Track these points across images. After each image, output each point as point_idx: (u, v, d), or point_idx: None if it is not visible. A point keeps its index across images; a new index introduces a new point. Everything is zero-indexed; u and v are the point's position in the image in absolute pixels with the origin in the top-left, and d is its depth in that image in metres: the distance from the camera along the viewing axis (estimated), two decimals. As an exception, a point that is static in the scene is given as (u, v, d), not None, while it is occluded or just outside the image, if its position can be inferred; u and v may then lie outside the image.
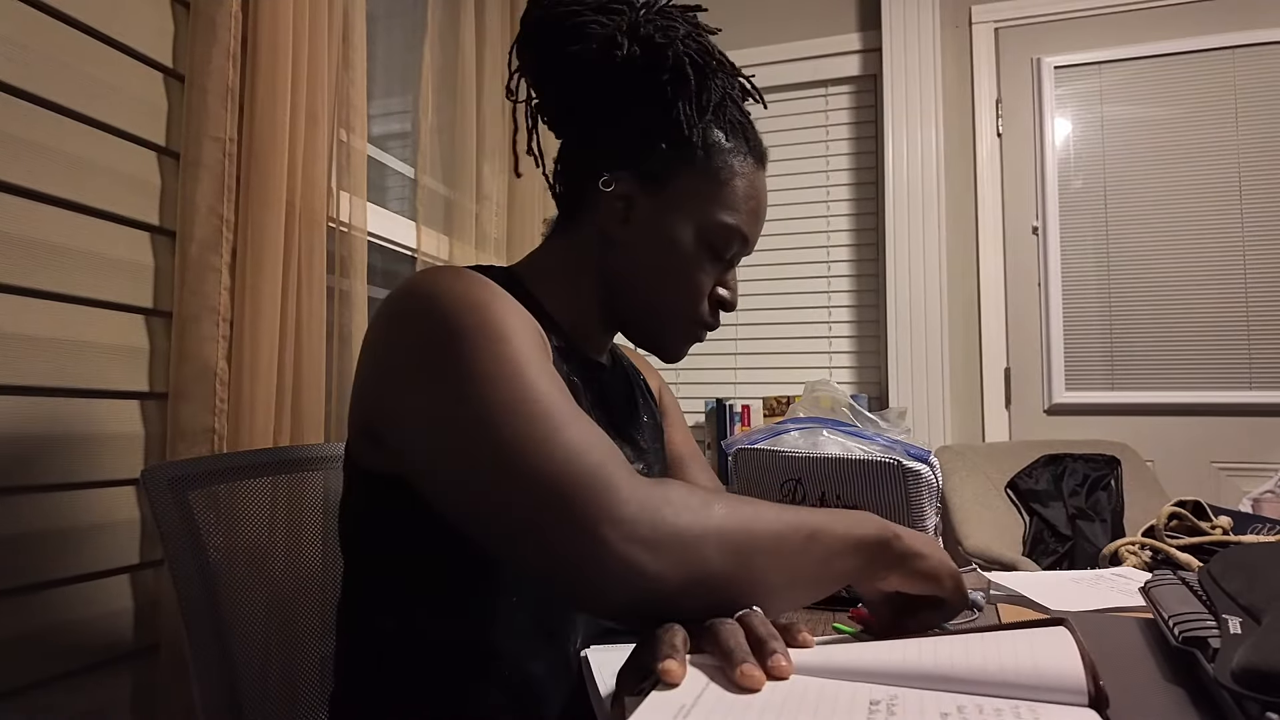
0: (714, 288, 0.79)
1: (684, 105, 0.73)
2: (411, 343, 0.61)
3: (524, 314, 0.63)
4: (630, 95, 0.74)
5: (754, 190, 0.78)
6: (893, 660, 0.48)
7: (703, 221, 0.75)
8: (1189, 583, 0.68)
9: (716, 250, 0.76)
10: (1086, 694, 0.42)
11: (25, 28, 0.95)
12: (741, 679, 0.44)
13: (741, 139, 0.77)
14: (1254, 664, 0.45)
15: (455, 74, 1.88)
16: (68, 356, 1.00)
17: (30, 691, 0.95)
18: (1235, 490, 2.14)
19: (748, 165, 0.77)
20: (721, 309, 0.80)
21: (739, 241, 0.77)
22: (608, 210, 0.76)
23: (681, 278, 0.76)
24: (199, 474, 0.86)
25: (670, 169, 0.74)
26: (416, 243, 1.77)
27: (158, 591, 1.10)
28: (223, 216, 1.14)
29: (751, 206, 0.77)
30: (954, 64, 2.46)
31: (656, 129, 0.74)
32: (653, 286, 0.77)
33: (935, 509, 0.97)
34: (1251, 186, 2.21)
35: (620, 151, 0.76)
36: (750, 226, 0.78)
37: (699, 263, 0.76)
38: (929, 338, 2.35)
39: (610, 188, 0.75)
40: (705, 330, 0.80)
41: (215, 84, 1.13)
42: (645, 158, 0.75)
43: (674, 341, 0.81)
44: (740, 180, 0.76)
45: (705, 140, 0.74)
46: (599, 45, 0.73)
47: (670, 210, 0.75)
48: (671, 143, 0.74)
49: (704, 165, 0.75)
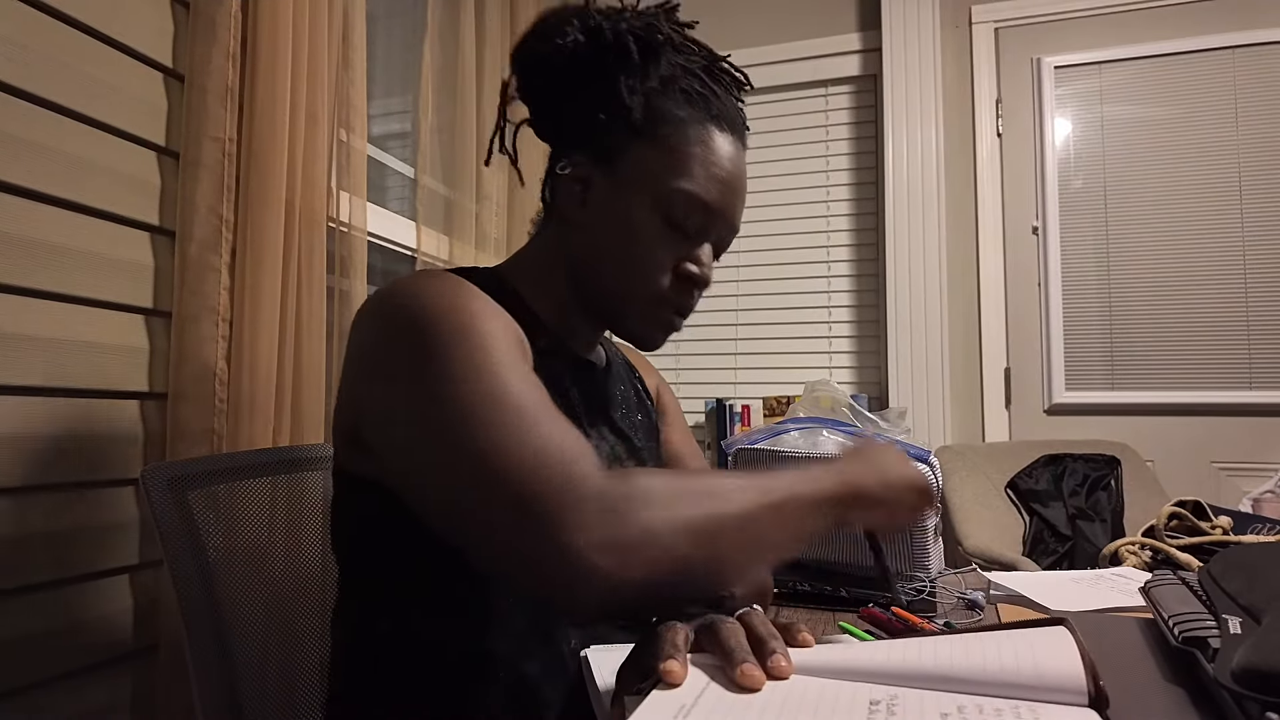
0: (681, 264, 0.75)
1: (625, 78, 0.72)
2: (387, 346, 0.61)
3: (502, 316, 0.64)
4: (579, 78, 0.75)
5: (716, 157, 0.74)
6: (892, 660, 0.48)
7: (657, 192, 0.72)
8: (1189, 583, 0.68)
9: (675, 221, 0.73)
10: (1086, 694, 0.42)
11: (25, 27, 0.95)
12: (742, 679, 0.44)
13: (702, 109, 0.74)
14: (1254, 664, 0.45)
15: (455, 74, 1.88)
16: (67, 356, 1.00)
17: (30, 692, 0.95)
18: (1235, 490, 2.14)
19: (708, 133, 0.74)
20: (692, 286, 0.76)
21: (700, 210, 0.73)
22: (566, 194, 0.77)
23: (637, 252, 0.74)
24: (198, 474, 0.86)
25: (621, 144, 0.74)
26: (416, 243, 1.77)
27: (157, 592, 1.10)
28: (222, 216, 1.13)
29: (714, 174, 0.73)
30: (954, 64, 2.46)
31: (604, 107, 0.73)
32: (611, 266, 0.75)
33: (935, 509, 0.97)
34: (1251, 186, 2.21)
35: (575, 134, 0.76)
36: (714, 193, 0.73)
37: (656, 236, 0.73)
38: (929, 338, 2.35)
39: (567, 171, 0.76)
40: (672, 311, 0.76)
41: (215, 84, 1.13)
42: (597, 138, 0.74)
43: (641, 324, 0.77)
44: (698, 148, 0.73)
45: (655, 112, 0.73)
46: (552, 34, 0.74)
47: (624, 186, 0.74)
48: (620, 118, 0.73)
49: (656, 137, 0.73)
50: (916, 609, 0.86)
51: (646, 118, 0.73)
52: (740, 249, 2.60)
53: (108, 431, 1.05)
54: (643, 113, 0.72)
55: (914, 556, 0.95)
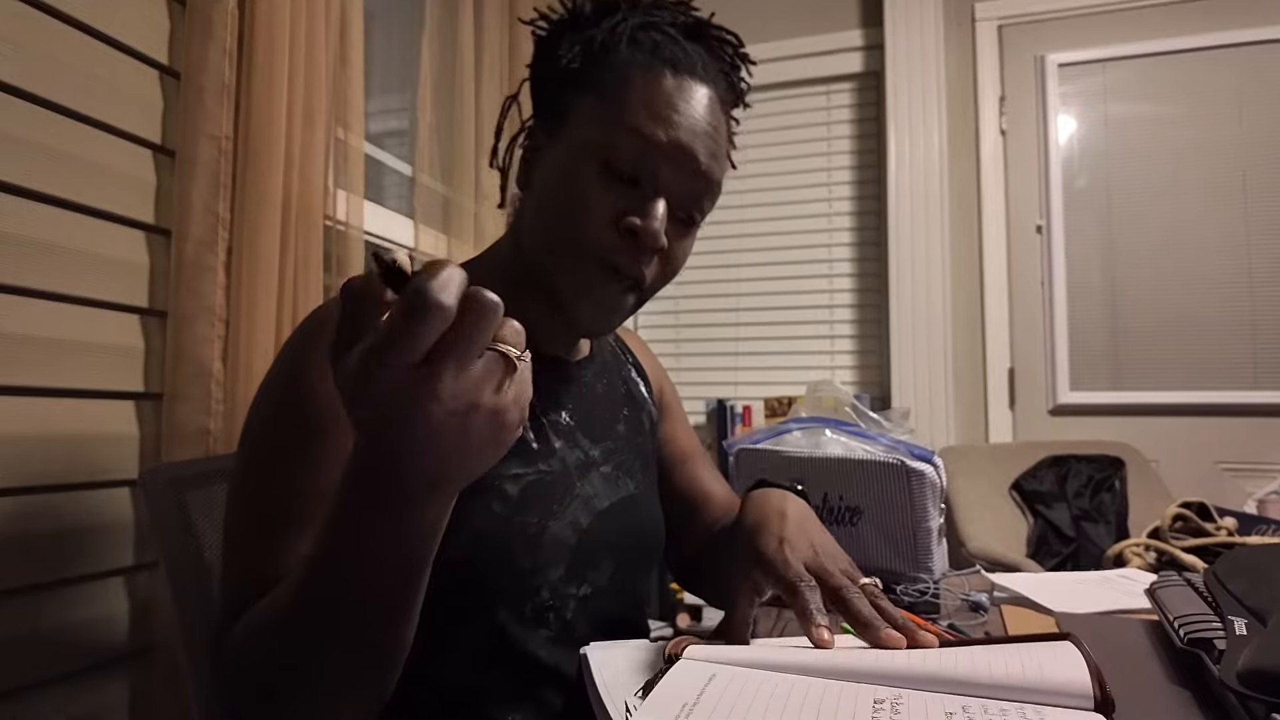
0: (621, 215, 0.65)
1: (570, 33, 0.69)
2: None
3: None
4: (540, 54, 0.72)
5: (655, 94, 0.65)
6: (897, 664, 0.47)
7: (591, 136, 0.66)
8: (1194, 584, 0.68)
9: (611, 163, 0.65)
10: (1092, 699, 0.42)
11: (20, 25, 0.94)
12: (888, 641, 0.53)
13: (650, 53, 0.67)
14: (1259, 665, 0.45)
15: (453, 72, 1.87)
16: (62, 356, 0.99)
17: (25, 693, 0.94)
18: (1240, 491, 2.13)
19: (655, 75, 0.66)
20: (636, 245, 0.65)
21: (636, 145, 0.64)
22: (521, 168, 0.73)
23: (572, 198, 0.65)
24: (196, 475, 0.86)
25: (564, 101, 0.69)
26: (414, 241, 1.77)
27: (153, 592, 1.10)
28: (219, 215, 1.13)
29: (658, 112, 0.64)
30: (957, 61, 2.45)
31: (549, 69, 0.70)
32: (544, 227, 0.68)
33: (939, 510, 0.96)
34: (1257, 185, 2.20)
35: (535, 109, 0.73)
36: (657, 132, 0.64)
37: (590, 179, 0.65)
38: (932, 337, 2.34)
39: (524, 145, 0.74)
40: (610, 273, 0.66)
41: (211, 81, 1.13)
42: (544, 102, 0.71)
43: (575, 294, 0.67)
44: (636, 85, 0.65)
45: (595, 60, 0.67)
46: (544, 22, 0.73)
47: (565, 140, 0.68)
48: (560, 74, 0.68)
49: (595, 87, 0.67)
50: (920, 610, 0.85)
51: (586, 68, 0.67)
52: (742, 248, 2.60)
53: (102, 432, 1.05)
54: (581, 63, 0.67)
55: (918, 557, 0.94)
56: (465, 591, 0.64)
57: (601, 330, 0.72)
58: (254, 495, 0.58)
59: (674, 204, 0.67)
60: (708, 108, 0.67)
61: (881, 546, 0.95)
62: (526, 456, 0.70)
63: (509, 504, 0.67)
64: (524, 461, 0.69)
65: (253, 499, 0.58)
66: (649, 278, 0.68)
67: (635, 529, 0.78)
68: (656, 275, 0.69)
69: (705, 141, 0.66)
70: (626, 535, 0.76)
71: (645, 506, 0.81)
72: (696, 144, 0.66)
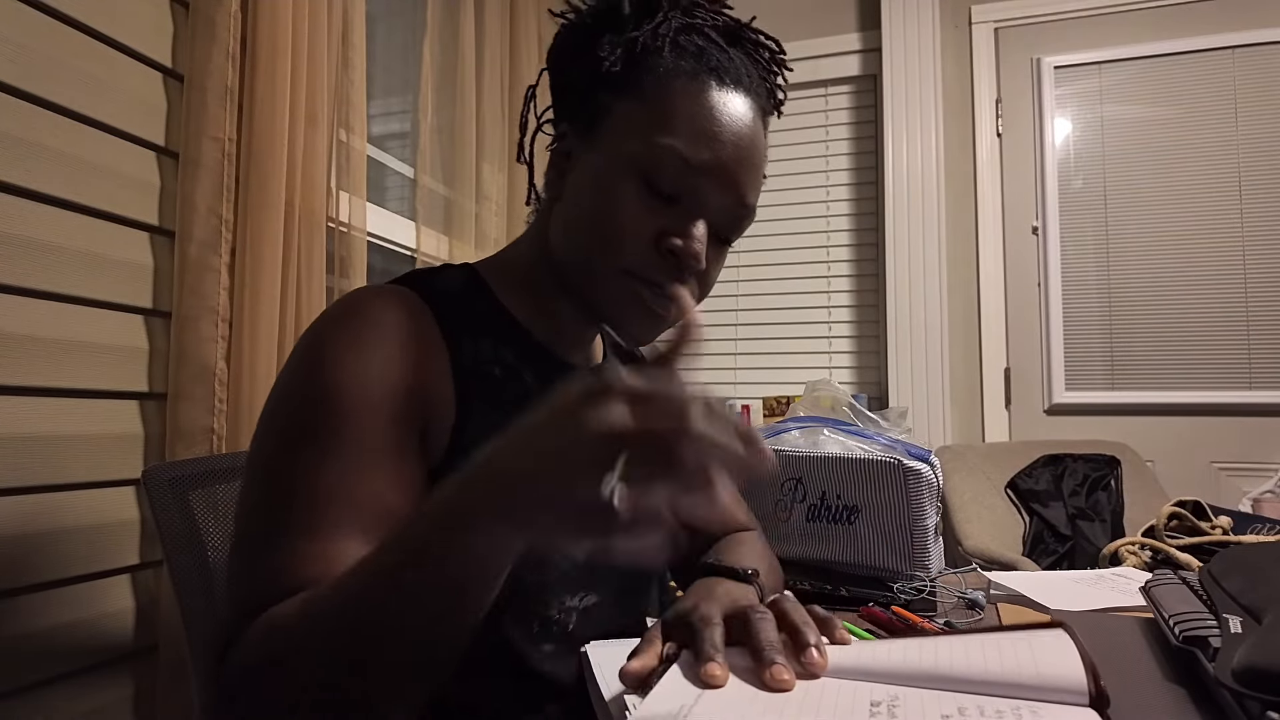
0: (663, 235, 0.63)
1: (609, 35, 0.65)
2: (278, 379, 0.62)
3: (395, 372, 0.59)
4: (576, 47, 0.69)
5: (707, 111, 0.63)
6: (893, 661, 0.47)
7: (633, 149, 0.63)
8: (1189, 582, 0.68)
9: (652, 180, 0.63)
10: (1087, 694, 0.42)
11: (24, 28, 0.95)
12: (771, 680, 0.43)
13: (696, 61, 0.64)
14: (1255, 663, 0.45)
15: (455, 74, 1.88)
16: (66, 357, 1.00)
17: (30, 692, 0.95)
18: (1235, 490, 2.14)
19: (700, 85, 0.63)
20: (678, 264, 0.64)
21: (683, 170, 0.62)
22: (551, 171, 0.71)
23: (607, 215, 0.63)
24: (199, 474, 0.86)
25: (603, 106, 0.66)
26: (416, 243, 1.77)
27: (157, 592, 1.10)
28: (222, 216, 1.13)
29: (703, 129, 0.62)
30: (954, 64, 2.46)
31: (588, 71, 0.66)
32: (582, 237, 0.66)
33: (935, 509, 0.97)
34: (1251, 186, 2.21)
35: (564, 108, 0.71)
36: (702, 152, 0.62)
37: (630, 196, 0.63)
38: (929, 337, 2.35)
39: (553, 147, 0.71)
40: (647, 285, 0.64)
41: (214, 84, 1.13)
42: (580, 104, 0.68)
43: (613, 305, 0.66)
44: (684, 100, 0.63)
45: (638, 64, 0.64)
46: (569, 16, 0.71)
47: (602, 148, 0.65)
48: (600, 77, 0.65)
49: (635, 92, 0.64)
50: (916, 608, 0.86)
51: (627, 71, 0.64)
52: (740, 249, 2.60)
53: (107, 432, 1.05)
54: (622, 66, 0.64)
55: (914, 556, 0.94)
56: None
57: (648, 340, 0.70)
58: (279, 490, 0.55)
59: (712, 225, 0.66)
60: (751, 124, 0.65)
61: (878, 545, 0.96)
62: None
63: None
64: None
65: (278, 494, 0.55)
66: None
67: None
68: (691, 293, 0.68)
69: (749, 166, 0.66)
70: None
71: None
72: (741, 169, 0.65)
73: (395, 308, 0.62)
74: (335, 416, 0.56)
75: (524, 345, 0.70)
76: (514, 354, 0.68)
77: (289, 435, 0.57)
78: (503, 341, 0.68)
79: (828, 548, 0.99)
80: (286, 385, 0.60)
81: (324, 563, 0.51)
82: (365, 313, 0.61)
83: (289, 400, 0.59)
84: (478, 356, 0.66)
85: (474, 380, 0.64)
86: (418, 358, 0.61)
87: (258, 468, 0.58)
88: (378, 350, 0.59)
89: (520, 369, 0.68)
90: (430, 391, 0.61)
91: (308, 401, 0.58)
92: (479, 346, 0.66)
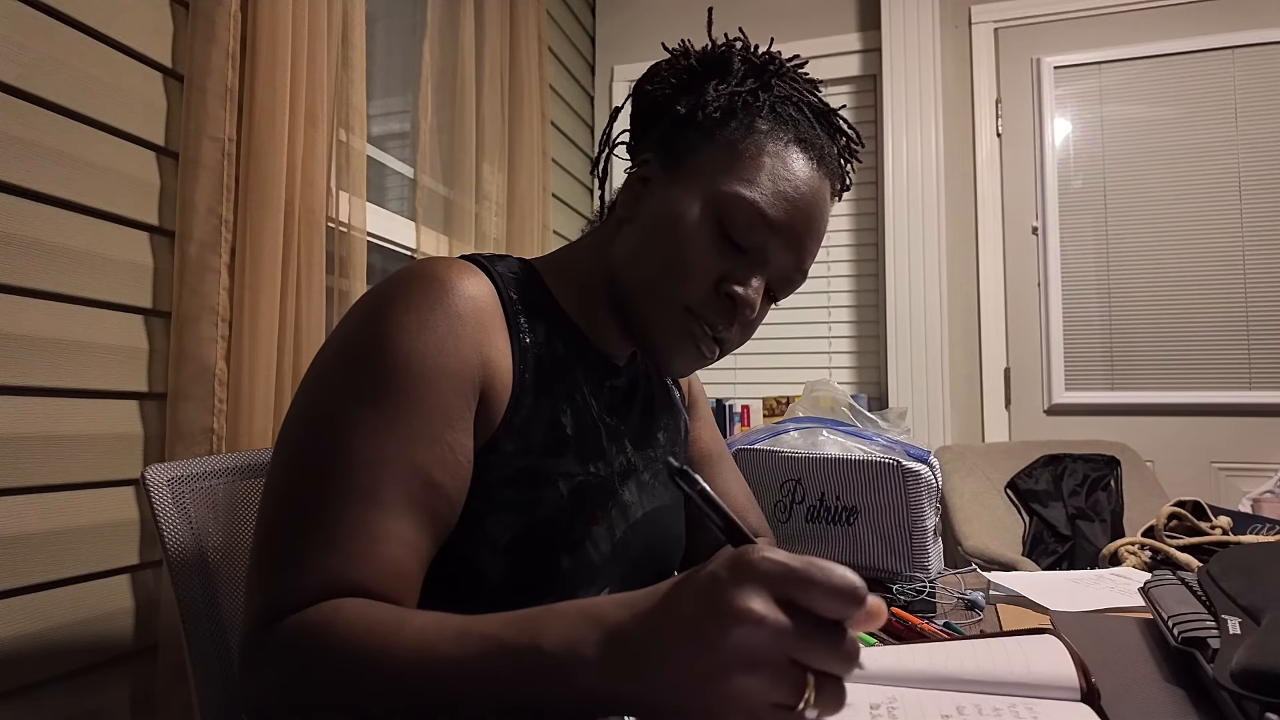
0: (725, 280, 0.67)
1: (715, 83, 0.69)
2: (331, 338, 0.62)
3: (459, 352, 0.59)
4: (677, 87, 0.72)
5: (788, 174, 0.66)
6: (887, 663, 0.48)
7: (714, 192, 0.66)
8: (1189, 583, 0.68)
9: (725, 227, 0.66)
10: (1079, 689, 0.42)
11: (24, 27, 0.95)
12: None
13: (788, 128, 0.68)
14: (1253, 664, 0.45)
15: (455, 74, 1.88)
16: (66, 357, 1.00)
17: (30, 691, 0.95)
18: (1235, 490, 2.14)
19: (785, 149, 0.67)
20: (733, 309, 0.67)
21: (757, 223, 0.65)
22: (626, 193, 0.73)
23: (677, 249, 0.66)
24: (199, 474, 0.86)
25: (692, 144, 0.69)
26: (416, 243, 1.77)
27: (157, 592, 1.10)
28: (222, 216, 1.13)
29: (782, 189, 0.66)
30: (954, 64, 2.46)
31: (687, 109, 0.69)
32: (648, 263, 0.68)
33: (935, 509, 0.97)
34: (1251, 186, 2.21)
35: (652, 139, 0.73)
36: (778, 211, 0.65)
37: (702, 237, 0.66)
38: (929, 338, 2.35)
39: (632, 171, 0.73)
40: (703, 326, 0.68)
41: (214, 84, 1.13)
42: (671, 138, 0.70)
43: (664, 336, 0.69)
44: (769, 159, 0.66)
45: (734, 116, 0.68)
46: (672, 55, 0.74)
47: (682, 181, 0.68)
48: (697, 119, 0.68)
49: (726, 139, 0.67)
50: (916, 609, 0.86)
51: (723, 119, 0.68)
52: (740, 249, 2.60)
53: (107, 432, 1.05)
54: (721, 113, 0.68)
55: (913, 557, 0.95)
56: (503, 589, 0.64)
57: (684, 374, 0.73)
58: (334, 449, 0.54)
59: (768, 281, 0.70)
60: (824, 198, 0.70)
61: (878, 546, 0.96)
62: (582, 453, 0.69)
63: (560, 503, 0.66)
64: (579, 459, 0.69)
65: (333, 453, 0.54)
66: (729, 340, 0.71)
67: (658, 542, 0.79)
68: (735, 337, 0.72)
69: (814, 235, 0.69)
70: (650, 548, 0.77)
71: (671, 519, 0.81)
72: (808, 236, 0.69)
73: (468, 280, 0.63)
74: (400, 384, 0.56)
75: (575, 339, 0.73)
76: (564, 346, 0.71)
77: (347, 393, 0.57)
78: (555, 332, 0.70)
79: (827, 549, 0.99)
80: (349, 341, 0.59)
81: (375, 540, 0.52)
82: (440, 280, 0.62)
83: (352, 358, 0.58)
84: (535, 341, 0.68)
85: (531, 363, 0.66)
86: (485, 333, 0.63)
87: (310, 417, 0.57)
88: (448, 320, 0.60)
89: (571, 362, 0.71)
90: (492, 368, 0.63)
91: (372, 363, 0.57)
92: (536, 332, 0.68)
